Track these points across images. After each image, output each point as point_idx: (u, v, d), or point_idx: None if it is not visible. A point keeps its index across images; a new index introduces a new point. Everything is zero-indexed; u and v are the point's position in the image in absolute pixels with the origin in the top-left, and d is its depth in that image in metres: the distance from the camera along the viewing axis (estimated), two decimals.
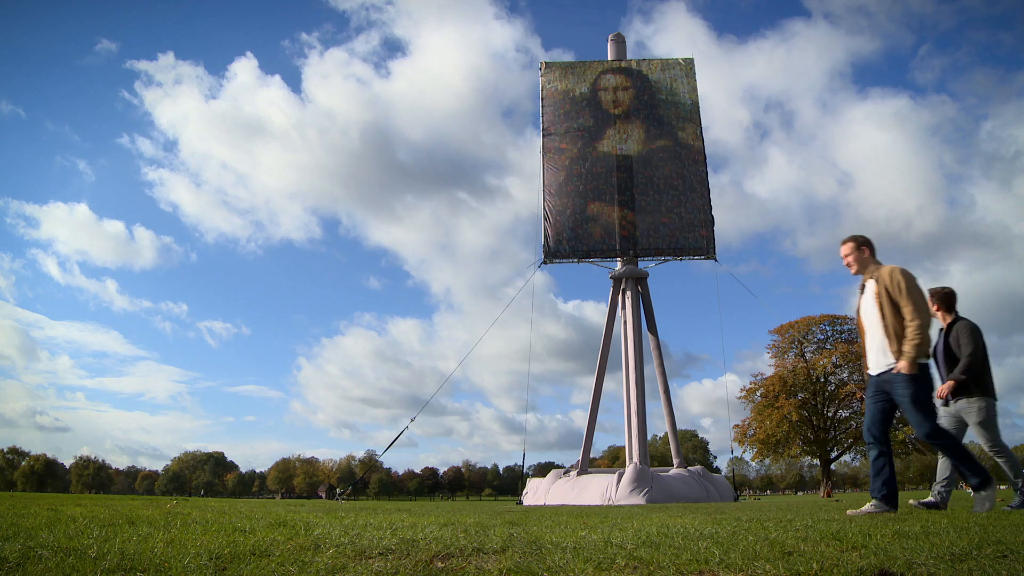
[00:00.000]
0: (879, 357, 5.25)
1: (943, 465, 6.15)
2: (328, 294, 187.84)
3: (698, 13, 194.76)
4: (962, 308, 6.37)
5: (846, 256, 5.50)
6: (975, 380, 5.99)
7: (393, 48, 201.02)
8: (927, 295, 6.14)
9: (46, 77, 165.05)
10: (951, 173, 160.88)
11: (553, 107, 26.36)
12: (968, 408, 6.03)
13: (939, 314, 6.27)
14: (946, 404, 6.14)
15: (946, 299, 6.29)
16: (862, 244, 5.48)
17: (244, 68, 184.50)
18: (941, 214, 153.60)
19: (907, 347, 4.96)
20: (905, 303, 5.05)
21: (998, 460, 6.16)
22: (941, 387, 5.99)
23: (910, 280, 5.12)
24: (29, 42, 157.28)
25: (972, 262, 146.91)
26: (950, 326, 6.19)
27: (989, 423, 6.01)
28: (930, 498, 6.04)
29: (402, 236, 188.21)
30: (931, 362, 5.15)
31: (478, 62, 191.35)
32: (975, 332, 6.05)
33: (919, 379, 5.01)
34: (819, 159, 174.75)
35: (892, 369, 5.10)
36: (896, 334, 5.06)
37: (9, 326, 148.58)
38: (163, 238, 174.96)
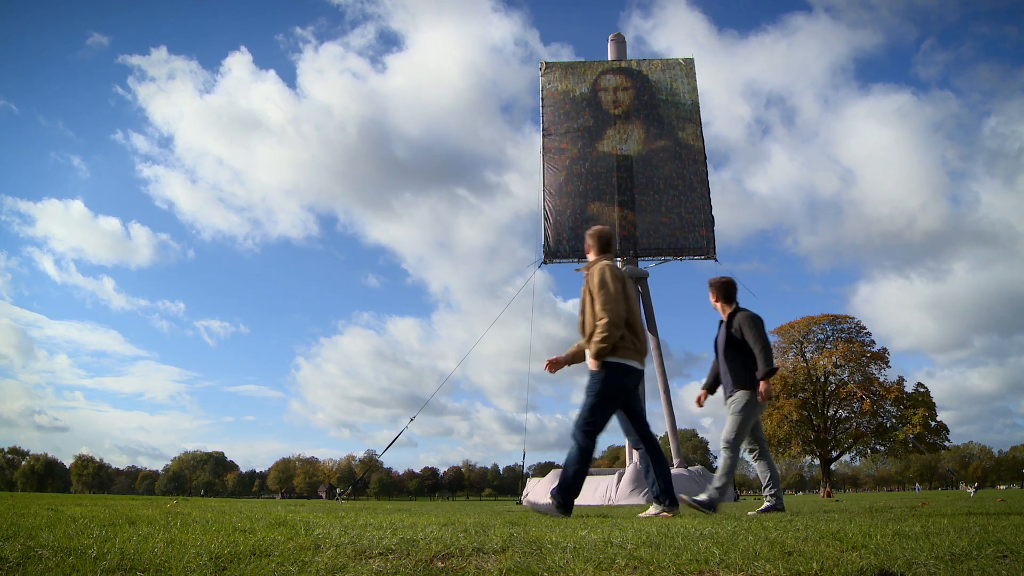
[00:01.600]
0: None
1: (760, 469, 5.92)
2: (326, 293, 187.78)
3: (698, 7, 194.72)
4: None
5: (587, 250, 5.28)
6: (746, 372, 5.68)
7: (389, 42, 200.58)
8: (718, 288, 6.06)
9: (38, 72, 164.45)
10: (954, 170, 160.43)
11: (553, 107, 26.36)
12: (734, 398, 5.73)
13: (718, 305, 6.05)
14: (728, 397, 5.84)
15: (724, 289, 6.07)
16: (591, 237, 5.25)
17: (238, 63, 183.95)
18: (944, 212, 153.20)
19: (591, 344, 4.78)
20: (596, 299, 4.85)
21: (722, 454, 5.78)
22: (762, 388, 5.63)
23: (604, 275, 4.89)
24: (20, 36, 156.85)
25: (975, 260, 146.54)
26: (730, 317, 5.92)
27: (745, 414, 5.67)
28: (766, 504, 5.82)
29: (400, 234, 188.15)
30: (624, 362, 4.85)
31: (476, 56, 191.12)
32: (758, 322, 5.78)
33: (601, 376, 4.79)
34: (821, 156, 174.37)
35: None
36: (590, 331, 4.85)
37: (6, 325, 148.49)
38: (160, 235, 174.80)
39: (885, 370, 44.34)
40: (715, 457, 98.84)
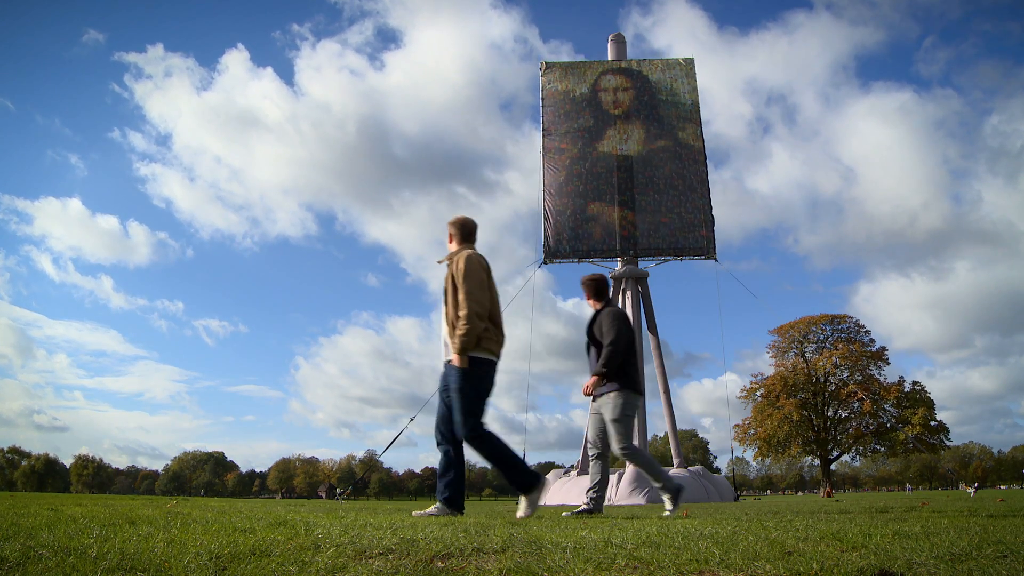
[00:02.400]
0: (443, 347, 4.83)
1: (593, 470, 5.72)
2: (325, 292, 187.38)
3: (698, 4, 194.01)
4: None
5: (449, 239, 5.11)
6: (616, 371, 5.52)
7: (387, 39, 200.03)
8: (588, 285, 5.88)
9: (34, 69, 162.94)
10: (956, 168, 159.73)
11: (553, 107, 26.37)
12: (606, 402, 5.53)
13: (590, 302, 5.90)
14: (594, 399, 5.67)
15: (594, 286, 5.91)
16: (453, 225, 5.08)
17: (235, 60, 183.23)
18: (946, 210, 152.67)
19: (455, 338, 4.55)
20: (460, 289, 4.63)
21: (629, 463, 5.59)
22: (586, 383, 5.54)
23: (470, 265, 4.69)
24: (14, 32, 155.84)
25: (977, 259, 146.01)
26: (596, 314, 5.78)
27: (622, 420, 5.47)
28: (583, 506, 5.61)
29: (399, 232, 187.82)
30: (490, 357, 4.66)
31: (475, 53, 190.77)
32: (618, 319, 5.61)
33: (469, 374, 4.57)
34: (822, 154, 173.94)
35: (450, 361, 4.68)
36: (453, 323, 4.64)
37: (5, 324, 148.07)
38: (158, 234, 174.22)
39: (885, 370, 44.41)
40: (716, 457, 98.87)
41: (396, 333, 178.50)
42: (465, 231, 5.06)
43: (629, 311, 24.39)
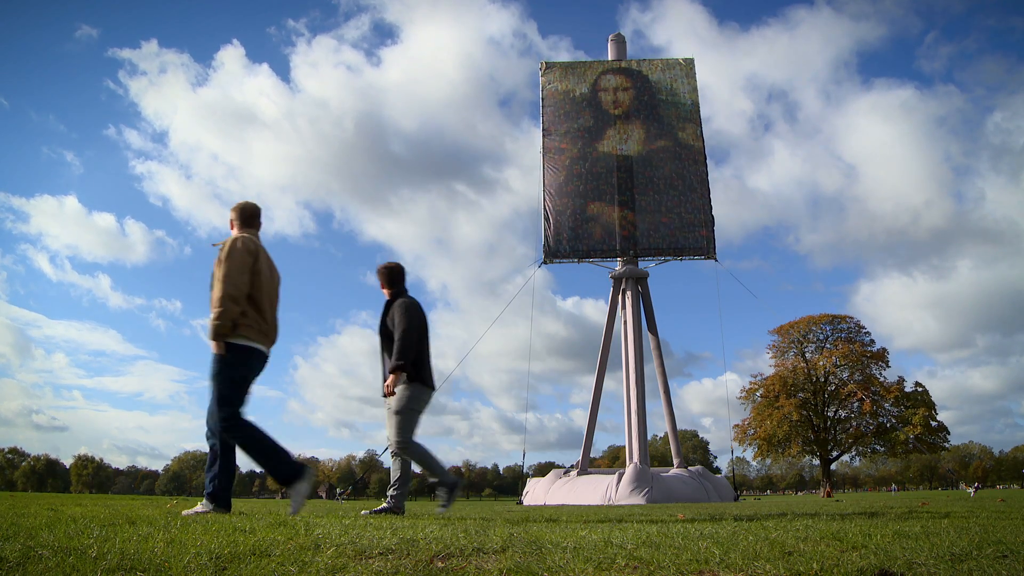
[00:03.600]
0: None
1: (393, 467, 5.57)
2: (323, 291, 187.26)
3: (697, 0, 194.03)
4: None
5: (230, 225, 4.93)
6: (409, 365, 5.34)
7: (384, 34, 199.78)
8: (382, 273, 5.66)
9: (26, 65, 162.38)
10: (958, 166, 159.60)
11: (553, 107, 26.37)
12: (394, 395, 5.36)
13: (384, 291, 5.72)
14: (392, 393, 5.47)
15: (387, 274, 5.71)
16: (233, 211, 4.92)
17: (231, 56, 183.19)
18: (949, 208, 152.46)
19: (209, 322, 4.35)
20: (217, 270, 4.44)
21: (402, 456, 5.40)
22: (387, 382, 5.31)
23: (233, 248, 4.51)
24: (6, 28, 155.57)
25: (979, 258, 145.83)
26: (388, 304, 5.58)
27: (405, 412, 5.28)
28: (385, 504, 5.50)
29: (397, 230, 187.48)
30: (247, 343, 4.46)
31: (473, 49, 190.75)
32: (410, 309, 5.41)
33: (224, 359, 4.38)
34: (823, 152, 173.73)
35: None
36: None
37: (2, 324, 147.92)
38: (155, 232, 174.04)
39: (885, 370, 44.39)
40: (716, 457, 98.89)
41: None
42: (244, 216, 4.88)
43: (629, 311, 24.39)
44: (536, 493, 23.27)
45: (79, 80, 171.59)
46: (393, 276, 5.71)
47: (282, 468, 4.38)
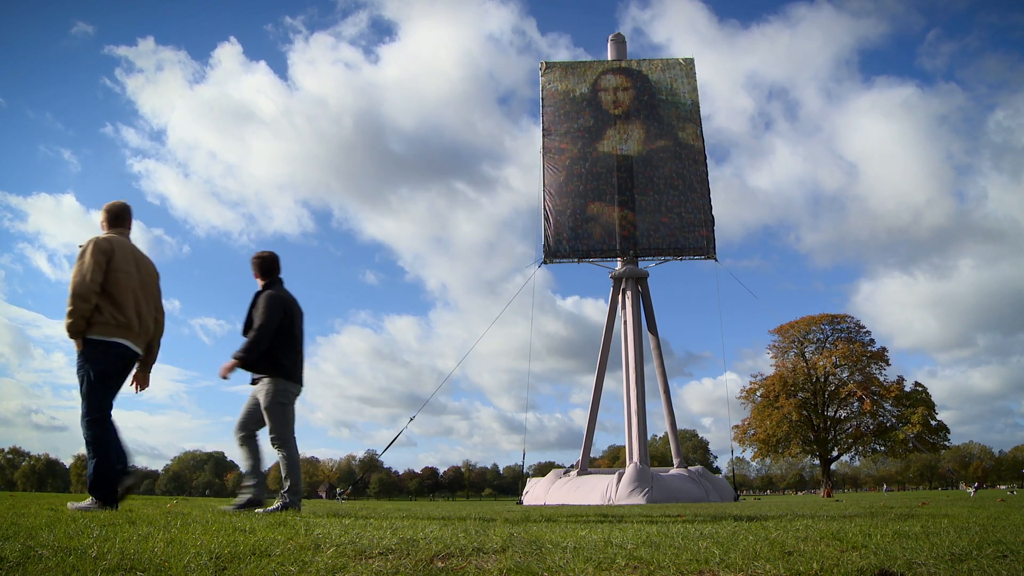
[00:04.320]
0: None
1: (243, 456, 5.52)
2: (323, 291, 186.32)
3: None
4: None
5: (101, 225, 4.97)
6: (265, 358, 5.26)
7: (382, 31, 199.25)
8: (255, 263, 5.59)
9: (22, 62, 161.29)
10: (960, 165, 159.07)
11: (553, 107, 26.38)
12: (260, 389, 5.31)
13: (257, 280, 5.62)
14: (253, 382, 5.42)
15: (260, 264, 5.59)
16: (103, 211, 4.97)
17: (228, 54, 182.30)
18: (950, 207, 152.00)
19: (65, 319, 4.43)
20: (73, 270, 4.51)
21: (277, 453, 5.33)
22: (221, 366, 5.25)
23: (87, 247, 4.60)
24: (1, 25, 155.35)
25: (981, 257, 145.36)
26: (256, 295, 5.47)
27: (273, 407, 5.21)
28: (277, 503, 5.40)
29: (396, 229, 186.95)
30: (105, 339, 4.53)
31: (472, 46, 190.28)
32: (274, 303, 5.31)
33: (87, 356, 4.49)
34: (824, 150, 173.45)
35: None
36: None
37: (1, 323, 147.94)
38: (153, 231, 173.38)
39: (885, 370, 44.40)
40: (716, 457, 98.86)
41: (394, 332, 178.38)
42: (111, 216, 4.96)
43: (629, 311, 24.40)
44: (536, 493, 23.27)
45: (76, 78, 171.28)
46: (265, 266, 5.60)
47: (100, 480, 4.43)
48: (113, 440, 4.58)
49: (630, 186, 24.87)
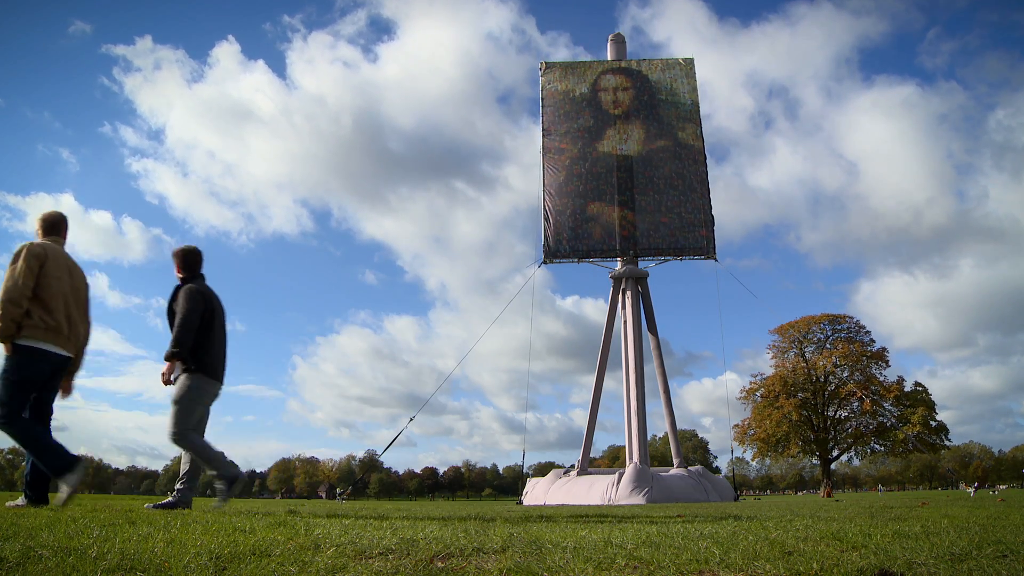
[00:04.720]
0: None
1: (184, 459, 5.41)
2: (322, 290, 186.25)
3: None
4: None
5: (37, 235, 5.07)
6: (188, 353, 5.20)
7: (381, 30, 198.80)
8: (177, 257, 5.55)
9: (20, 61, 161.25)
10: (960, 164, 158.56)
11: (553, 107, 26.38)
12: (176, 382, 5.24)
13: (178, 275, 5.56)
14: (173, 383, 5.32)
15: (182, 257, 5.54)
16: (37, 220, 5.10)
17: (226, 53, 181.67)
18: (950, 206, 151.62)
19: None
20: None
21: (182, 449, 5.22)
22: (161, 374, 5.21)
23: (19, 252, 4.73)
24: None
25: (982, 256, 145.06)
26: (176, 289, 5.41)
27: (182, 402, 5.12)
28: (169, 499, 5.34)
29: (396, 229, 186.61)
30: (35, 344, 4.60)
31: (471, 45, 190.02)
32: (195, 296, 5.26)
33: (9, 359, 4.57)
34: (824, 149, 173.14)
35: None
36: None
37: None
38: (153, 230, 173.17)
39: (885, 369, 44.41)
40: (716, 457, 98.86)
41: (394, 332, 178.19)
42: (46, 224, 5.11)
43: (629, 311, 24.40)
44: (536, 493, 23.27)
45: (74, 77, 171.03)
46: (187, 260, 5.57)
47: (55, 462, 4.55)
48: (44, 436, 4.69)
49: (630, 186, 24.88)
